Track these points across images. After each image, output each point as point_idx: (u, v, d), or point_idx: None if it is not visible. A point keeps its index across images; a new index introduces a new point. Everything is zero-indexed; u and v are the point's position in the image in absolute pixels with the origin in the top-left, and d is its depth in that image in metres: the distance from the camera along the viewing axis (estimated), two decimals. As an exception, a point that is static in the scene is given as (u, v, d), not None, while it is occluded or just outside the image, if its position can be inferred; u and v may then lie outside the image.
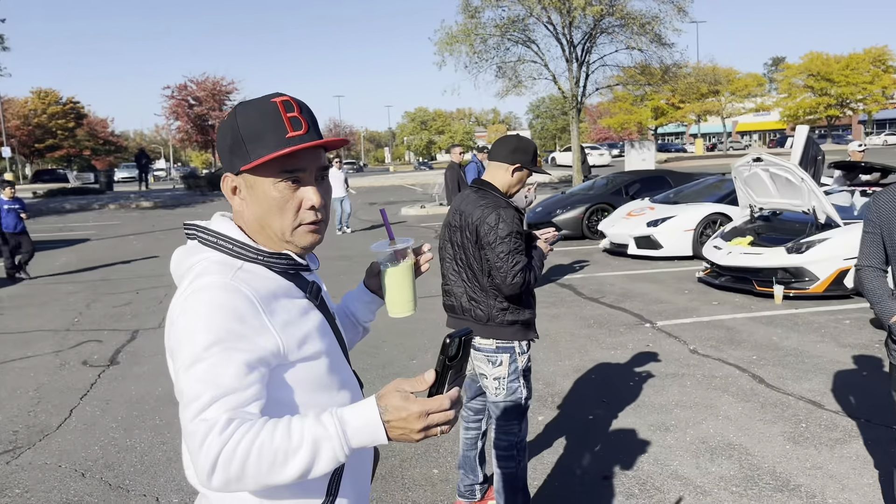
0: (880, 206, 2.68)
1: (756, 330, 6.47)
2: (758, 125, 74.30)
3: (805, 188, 7.76)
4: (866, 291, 2.76)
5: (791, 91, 56.30)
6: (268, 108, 1.28)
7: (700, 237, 10.35)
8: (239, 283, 1.22)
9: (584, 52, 22.13)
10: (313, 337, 1.30)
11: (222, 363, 1.15)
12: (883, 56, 53.49)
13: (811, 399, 4.71)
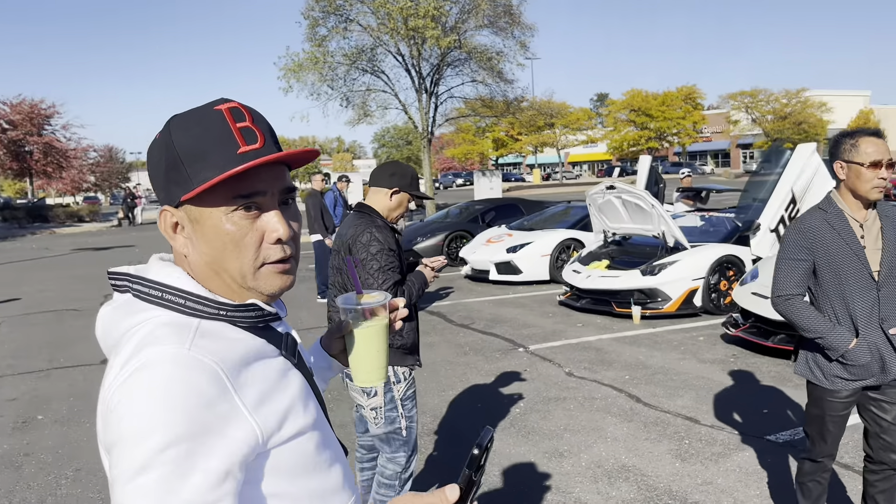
0: (811, 231, 2.67)
1: (623, 350, 6.72)
2: (587, 156, 79.72)
3: (655, 214, 8.27)
4: (804, 319, 2.67)
5: (616, 125, 61.01)
6: (211, 119, 0.98)
7: (556, 262, 10.74)
8: (200, 354, 0.91)
9: (433, 84, 22.60)
10: (297, 408, 1.01)
11: (181, 472, 0.84)
12: (693, 94, 59.58)
13: (687, 415, 4.91)
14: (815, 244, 2.67)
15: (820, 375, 2.74)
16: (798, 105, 56.13)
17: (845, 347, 2.63)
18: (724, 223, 9.21)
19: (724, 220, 9.28)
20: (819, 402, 2.78)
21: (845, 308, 2.67)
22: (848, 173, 2.65)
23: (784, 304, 2.74)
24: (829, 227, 2.66)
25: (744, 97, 57.28)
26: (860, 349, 2.63)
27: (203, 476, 0.85)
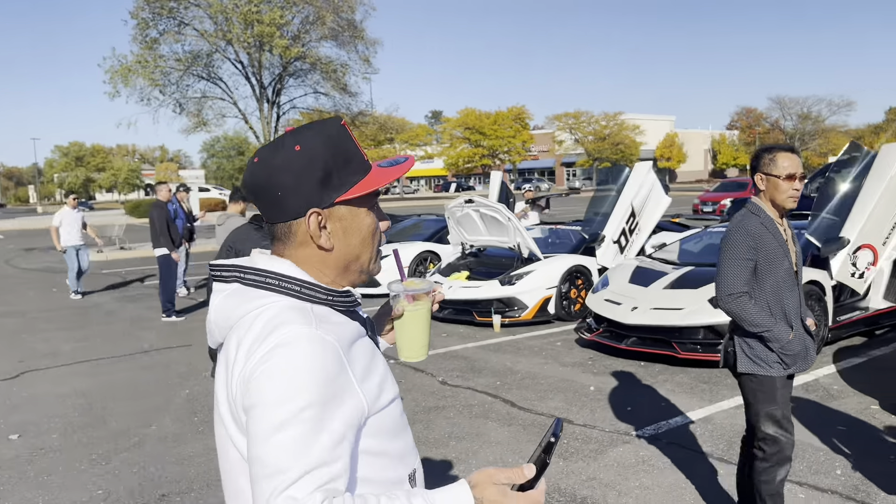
0: (755, 233, 2.88)
1: (489, 357, 6.95)
2: (425, 171, 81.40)
3: (511, 227, 8.64)
4: (754, 315, 2.88)
5: (452, 142, 62.91)
6: (343, 132, 1.19)
7: (414, 273, 10.86)
8: (325, 333, 1.09)
9: (275, 94, 22.07)
10: (387, 380, 1.20)
11: (314, 431, 1.02)
12: (522, 115, 62.87)
13: (560, 416, 5.17)
14: (759, 245, 2.90)
15: (765, 365, 2.96)
16: (615, 127, 61.10)
17: (787, 339, 2.90)
18: (570, 235, 9.81)
19: (571, 232, 9.90)
20: (772, 392, 2.97)
21: (779, 303, 2.95)
22: (767, 185, 2.95)
23: (735, 301, 2.92)
24: (766, 229, 2.92)
25: (568, 118, 61.41)
26: (796, 340, 2.94)
27: (329, 436, 1.03)
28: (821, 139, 60.16)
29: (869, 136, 69.14)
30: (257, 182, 1.19)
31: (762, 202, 3.00)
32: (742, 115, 77.08)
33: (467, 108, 63.44)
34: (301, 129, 1.19)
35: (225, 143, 73.79)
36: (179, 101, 22.42)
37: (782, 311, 2.97)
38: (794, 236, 3.05)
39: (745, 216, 2.99)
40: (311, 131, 1.18)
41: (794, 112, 59.09)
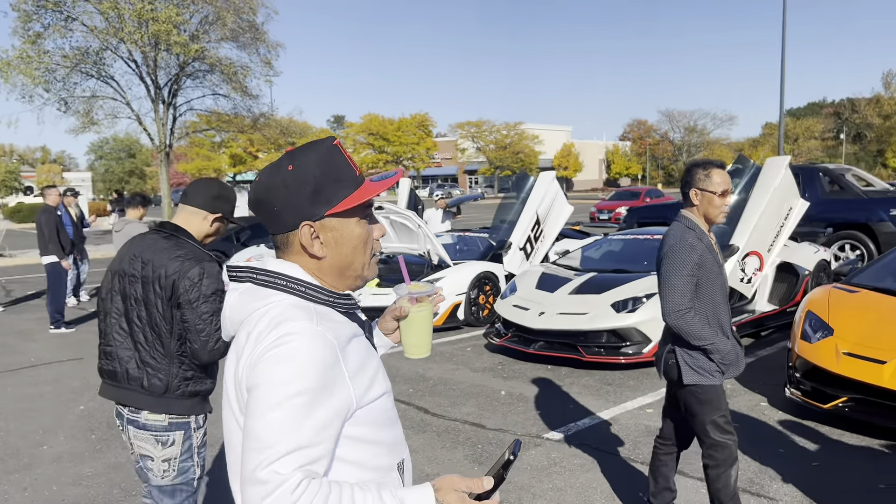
0: (697, 248, 2.93)
1: (401, 364, 6.94)
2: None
3: (421, 233, 8.69)
4: (701, 330, 2.93)
5: (355, 147, 62.45)
6: (334, 151, 1.31)
7: (320, 281, 10.71)
8: (325, 329, 1.23)
9: (171, 95, 21.20)
10: (378, 376, 1.33)
11: (303, 416, 1.16)
12: (425, 122, 63.27)
13: (473, 422, 5.24)
14: (701, 259, 2.96)
15: (709, 375, 3.03)
16: (516, 136, 62.55)
17: (727, 350, 2.98)
18: (478, 242, 9.96)
19: (478, 239, 10.05)
20: (717, 400, 3.05)
21: (716, 315, 3.03)
22: (702, 200, 3.02)
23: (682, 318, 2.94)
24: (703, 244, 2.99)
25: (470, 127, 62.31)
26: (734, 350, 3.04)
27: (316, 421, 1.16)
28: (706, 151, 63.85)
29: (748, 149, 73.99)
30: (258, 198, 1.33)
31: (695, 216, 3.06)
32: (634, 127, 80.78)
33: (370, 113, 63.25)
34: (297, 150, 1.32)
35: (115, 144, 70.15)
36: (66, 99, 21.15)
37: (718, 323, 3.04)
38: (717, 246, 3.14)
39: (683, 231, 3.00)
40: (305, 151, 1.31)
41: (682, 125, 62.47)
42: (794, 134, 71.10)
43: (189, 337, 2.52)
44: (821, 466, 4.23)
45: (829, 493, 3.88)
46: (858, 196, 11.77)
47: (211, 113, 22.84)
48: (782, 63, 23.66)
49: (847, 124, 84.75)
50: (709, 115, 61.79)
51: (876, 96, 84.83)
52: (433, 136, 67.90)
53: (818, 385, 4.97)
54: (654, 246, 8.16)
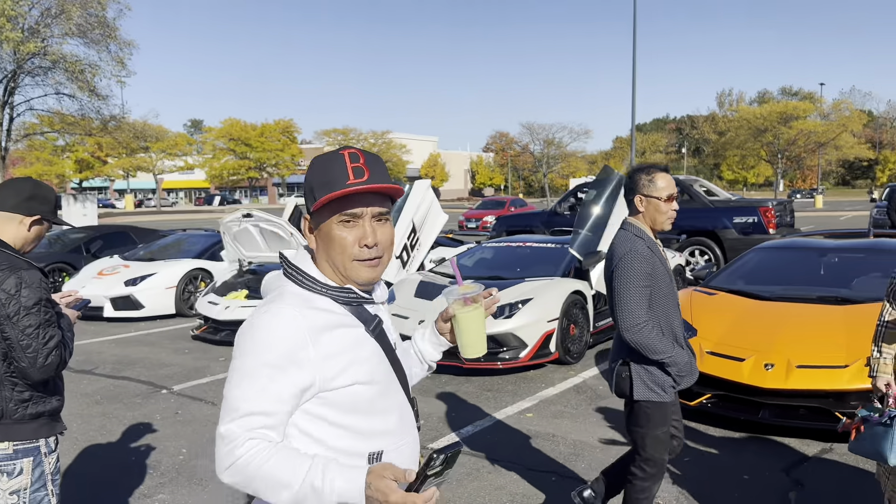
0: (648, 258, 2.81)
1: (275, 380, 6.63)
2: (184, 183, 76.56)
3: (294, 242, 8.38)
4: (659, 344, 2.79)
5: (215, 153, 59.91)
6: (335, 159, 1.45)
7: (183, 294, 10.10)
8: (302, 317, 1.39)
9: (7, 93, 19.31)
10: (360, 364, 1.44)
11: (263, 387, 1.35)
12: (290, 128, 61.88)
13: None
14: (653, 270, 2.84)
15: (661, 392, 2.91)
16: (383, 145, 62.55)
17: (684, 361, 2.87)
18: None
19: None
20: (663, 417, 2.94)
21: (668, 325, 2.91)
22: (647, 206, 2.89)
23: (640, 331, 2.79)
24: (653, 253, 2.86)
25: (336, 134, 61.58)
26: (689, 360, 2.93)
27: (273, 395, 1.35)
28: (563, 163, 66.84)
29: (601, 161, 78.44)
30: None
31: (642, 224, 2.94)
32: (497, 138, 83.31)
33: (231, 118, 60.94)
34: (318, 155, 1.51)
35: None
36: None
37: (672, 333, 2.93)
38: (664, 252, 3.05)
39: (632, 241, 2.87)
40: (318, 157, 1.50)
41: (542, 137, 65.06)
42: (642, 147, 76.22)
43: (14, 355, 2.24)
44: (692, 461, 4.45)
45: (701, 485, 4.08)
46: (706, 205, 12.73)
47: (54, 114, 21.03)
48: (633, 82, 25.25)
49: (687, 139, 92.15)
50: (566, 129, 64.73)
51: (712, 114, 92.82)
52: (298, 143, 66.51)
53: (684, 383, 5.25)
54: (526, 253, 8.37)
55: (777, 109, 51.87)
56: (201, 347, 8.14)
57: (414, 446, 1.58)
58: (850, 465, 4.32)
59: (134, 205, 59.45)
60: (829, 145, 51.02)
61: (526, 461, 4.50)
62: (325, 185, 1.43)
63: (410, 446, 1.55)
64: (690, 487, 4.06)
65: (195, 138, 66.41)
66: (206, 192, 72.44)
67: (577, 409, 5.54)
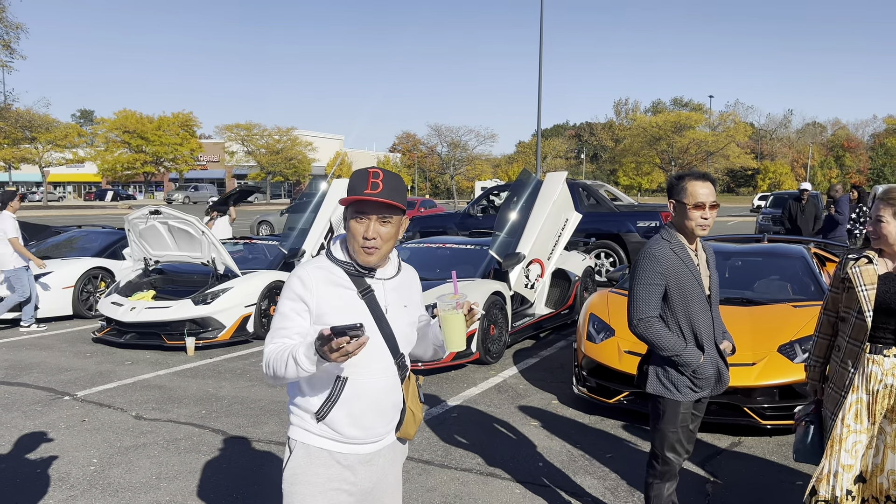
0: (663, 258, 2.93)
1: (188, 385, 6.37)
2: (73, 176, 72.20)
3: (205, 241, 8.07)
4: (663, 340, 2.93)
5: (108, 145, 56.81)
6: (363, 173, 2.08)
7: (81, 294, 9.53)
8: (307, 272, 2.10)
9: None
10: (341, 313, 2.07)
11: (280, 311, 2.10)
12: (189, 121, 59.54)
13: (280, 441, 4.94)
14: (667, 270, 2.95)
15: (674, 390, 3.01)
16: (288, 142, 61.22)
17: (697, 362, 2.95)
18: (266, 251, 9.53)
19: (267, 247, 9.61)
20: (674, 416, 3.03)
21: (690, 327, 3.00)
22: (676, 211, 3.01)
23: (644, 326, 2.96)
24: (675, 254, 2.97)
25: (239, 130, 59.77)
26: (707, 363, 2.99)
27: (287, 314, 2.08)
28: (469, 166, 67.66)
29: (504, 165, 79.92)
30: None
31: (673, 228, 3.06)
32: (403, 139, 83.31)
33: (126, 109, 57.95)
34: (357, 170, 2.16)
35: None
36: None
37: (693, 335, 3.01)
38: (708, 261, 3.13)
39: (655, 241, 3.03)
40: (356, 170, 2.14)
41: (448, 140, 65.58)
42: (544, 153, 78.14)
43: None
44: (614, 456, 4.61)
45: (624, 478, 4.23)
46: (611, 210, 13.21)
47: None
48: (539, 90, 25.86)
49: (586, 146, 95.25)
50: (473, 132, 65.57)
51: (609, 122, 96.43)
52: (198, 138, 64.10)
53: (603, 381, 5.43)
54: (446, 254, 8.42)
55: (671, 119, 54.56)
56: (104, 350, 7.70)
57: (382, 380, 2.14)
58: (759, 458, 4.60)
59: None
60: (718, 154, 54.11)
61: (456, 462, 4.52)
62: (352, 190, 2.07)
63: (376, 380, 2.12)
64: (612, 482, 4.20)
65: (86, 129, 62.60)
66: (98, 186, 68.56)
67: (500, 408, 5.62)
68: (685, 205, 2.98)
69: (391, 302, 2.17)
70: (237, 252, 9.53)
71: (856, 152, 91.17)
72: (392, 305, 2.18)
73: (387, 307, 2.16)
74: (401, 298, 2.21)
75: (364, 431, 2.13)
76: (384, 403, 2.15)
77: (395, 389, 2.19)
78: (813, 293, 6.06)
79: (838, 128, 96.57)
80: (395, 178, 2.09)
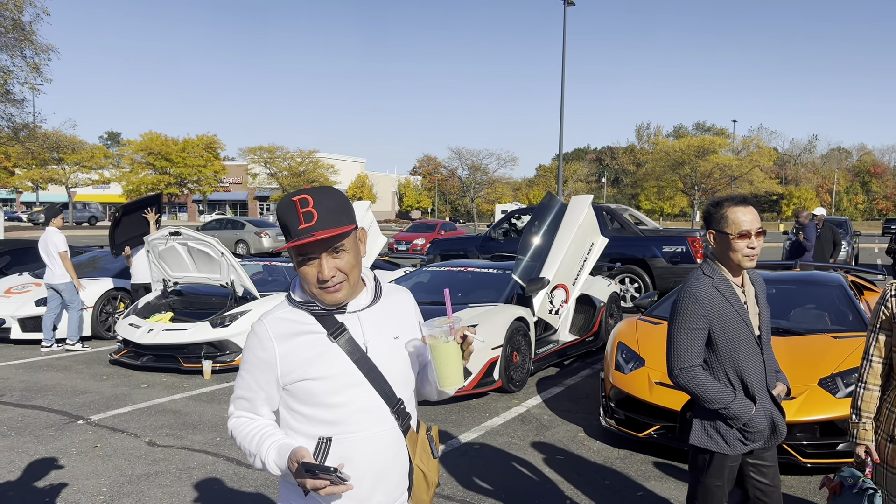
0: (706, 299, 2.63)
1: (203, 410, 6.22)
2: (98, 197, 73.23)
3: (224, 262, 7.98)
4: (709, 391, 2.62)
5: (134, 167, 57.54)
6: (289, 206, 1.71)
7: (100, 315, 9.47)
8: (267, 325, 1.78)
9: None
10: (312, 364, 1.73)
11: (242, 376, 1.82)
12: (213, 144, 60.13)
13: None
14: (711, 311, 2.63)
15: (721, 442, 2.68)
16: (310, 164, 61.62)
17: (749, 415, 2.63)
18: (285, 272, 9.42)
19: (286, 269, 9.51)
20: (720, 469, 2.72)
21: (738, 375, 2.67)
22: (718, 243, 2.69)
23: (686, 375, 2.65)
24: (719, 293, 2.65)
25: (262, 152, 60.28)
26: (759, 415, 2.66)
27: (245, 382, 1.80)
28: (489, 189, 67.65)
29: (525, 188, 79.85)
30: None
31: (716, 262, 2.75)
32: (424, 162, 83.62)
33: (151, 132, 58.72)
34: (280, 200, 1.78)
35: None
36: None
37: (741, 383, 2.69)
38: (758, 296, 2.80)
39: (697, 278, 2.71)
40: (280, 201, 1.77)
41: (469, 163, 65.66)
42: (564, 176, 77.98)
43: None
44: (644, 496, 4.37)
45: (657, 521, 3.99)
46: (636, 234, 12.98)
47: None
48: (561, 113, 25.80)
49: (607, 170, 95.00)
50: (494, 155, 65.61)
51: (630, 146, 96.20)
52: (221, 160, 64.77)
53: (632, 414, 5.19)
54: (468, 278, 8.25)
55: (694, 143, 54.12)
56: (121, 373, 7.60)
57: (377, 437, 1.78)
58: (801, 499, 4.34)
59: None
60: (742, 179, 53.55)
61: (479, 500, 4.31)
62: (285, 230, 1.74)
63: (370, 438, 1.77)
64: (647, 523, 3.96)
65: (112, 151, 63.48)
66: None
67: (524, 440, 5.40)
68: (727, 235, 2.65)
69: (371, 337, 1.80)
70: (256, 274, 9.44)
71: (882, 178, 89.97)
72: (373, 341, 1.80)
73: (366, 344, 1.78)
74: (386, 330, 1.83)
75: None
76: (383, 466, 1.77)
77: (397, 446, 1.81)
78: (852, 323, 5.79)
79: (864, 153, 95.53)
80: (327, 195, 1.72)
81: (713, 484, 2.74)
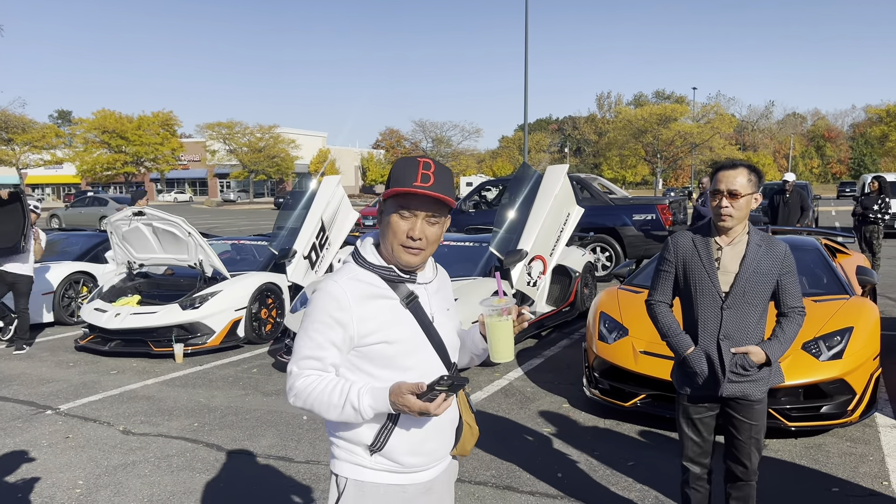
0: (679, 247, 2.96)
1: (178, 395, 6.04)
2: (51, 178, 71.07)
3: (192, 242, 7.73)
4: (658, 322, 3.02)
5: (87, 146, 55.87)
6: (412, 162, 1.81)
7: (62, 300, 9.14)
8: (343, 286, 1.80)
9: None
10: (389, 328, 1.81)
11: (312, 336, 1.81)
12: (170, 121, 58.74)
13: (279, 455, 4.63)
14: (677, 258, 2.97)
15: (678, 382, 3.05)
16: (271, 140, 60.55)
17: (685, 351, 2.93)
18: (255, 251, 9.19)
19: (255, 248, 9.28)
20: (682, 412, 3.05)
21: (692, 318, 2.97)
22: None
23: (650, 308, 3.08)
24: (693, 244, 2.94)
25: (221, 128, 59.02)
26: (696, 356, 2.91)
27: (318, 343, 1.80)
28: (454, 161, 67.35)
29: (489, 160, 79.72)
30: None
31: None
32: (387, 135, 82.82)
33: (104, 109, 56.98)
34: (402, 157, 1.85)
35: None
36: None
37: (692, 327, 2.98)
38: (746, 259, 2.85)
39: (683, 230, 3.06)
40: (402, 158, 1.84)
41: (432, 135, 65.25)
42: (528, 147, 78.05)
43: None
44: (636, 465, 4.36)
45: (653, 489, 3.98)
46: (607, 203, 12.98)
47: None
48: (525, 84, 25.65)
49: (569, 139, 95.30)
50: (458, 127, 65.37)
51: (592, 115, 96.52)
52: (179, 137, 63.26)
53: (617, 383, 5.17)
54: (444, 252, 8.13)
55: (656, 111, 54.55)
56: (88, 359, 7.35)
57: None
58: (787, 461, 4.36)
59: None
60: (703, 146, 54.20)
61: (469, 474, 4.24)
62: (397, 181, 1.78)
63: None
64: (638, 493, 3.95)
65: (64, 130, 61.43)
66: (77, 187, 67.49)
67: (510, 414, 5.35)
68: (711, 193, 2.90)
69: (436, 308, 1.94)
70: (224, 253, 9.19)
71: (836, 142, 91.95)
72: (437, 312, 1.94)
73: (433, 314, 1.92)
74: (443, 303, 1.99)
75: (425, 457, 1.90)
76: (443, 421, 1.93)
77: (452, 404, 1.95)
78: (831, 286, 5.84)
79: (818, 118, 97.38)
80: (446, 171, 1.82)
81: (681, 427, 3.08)
